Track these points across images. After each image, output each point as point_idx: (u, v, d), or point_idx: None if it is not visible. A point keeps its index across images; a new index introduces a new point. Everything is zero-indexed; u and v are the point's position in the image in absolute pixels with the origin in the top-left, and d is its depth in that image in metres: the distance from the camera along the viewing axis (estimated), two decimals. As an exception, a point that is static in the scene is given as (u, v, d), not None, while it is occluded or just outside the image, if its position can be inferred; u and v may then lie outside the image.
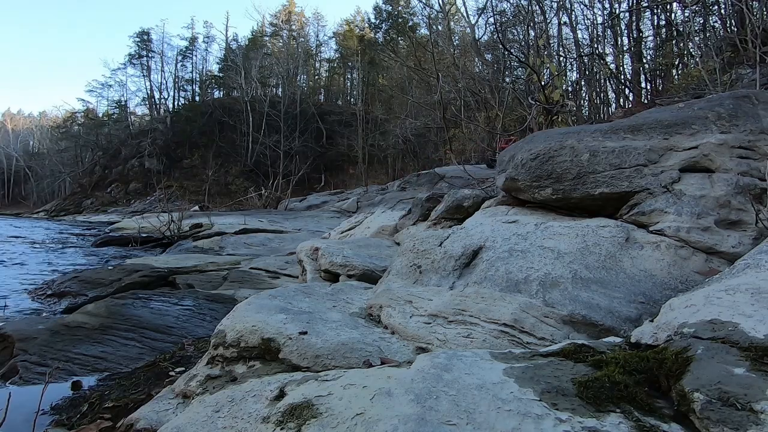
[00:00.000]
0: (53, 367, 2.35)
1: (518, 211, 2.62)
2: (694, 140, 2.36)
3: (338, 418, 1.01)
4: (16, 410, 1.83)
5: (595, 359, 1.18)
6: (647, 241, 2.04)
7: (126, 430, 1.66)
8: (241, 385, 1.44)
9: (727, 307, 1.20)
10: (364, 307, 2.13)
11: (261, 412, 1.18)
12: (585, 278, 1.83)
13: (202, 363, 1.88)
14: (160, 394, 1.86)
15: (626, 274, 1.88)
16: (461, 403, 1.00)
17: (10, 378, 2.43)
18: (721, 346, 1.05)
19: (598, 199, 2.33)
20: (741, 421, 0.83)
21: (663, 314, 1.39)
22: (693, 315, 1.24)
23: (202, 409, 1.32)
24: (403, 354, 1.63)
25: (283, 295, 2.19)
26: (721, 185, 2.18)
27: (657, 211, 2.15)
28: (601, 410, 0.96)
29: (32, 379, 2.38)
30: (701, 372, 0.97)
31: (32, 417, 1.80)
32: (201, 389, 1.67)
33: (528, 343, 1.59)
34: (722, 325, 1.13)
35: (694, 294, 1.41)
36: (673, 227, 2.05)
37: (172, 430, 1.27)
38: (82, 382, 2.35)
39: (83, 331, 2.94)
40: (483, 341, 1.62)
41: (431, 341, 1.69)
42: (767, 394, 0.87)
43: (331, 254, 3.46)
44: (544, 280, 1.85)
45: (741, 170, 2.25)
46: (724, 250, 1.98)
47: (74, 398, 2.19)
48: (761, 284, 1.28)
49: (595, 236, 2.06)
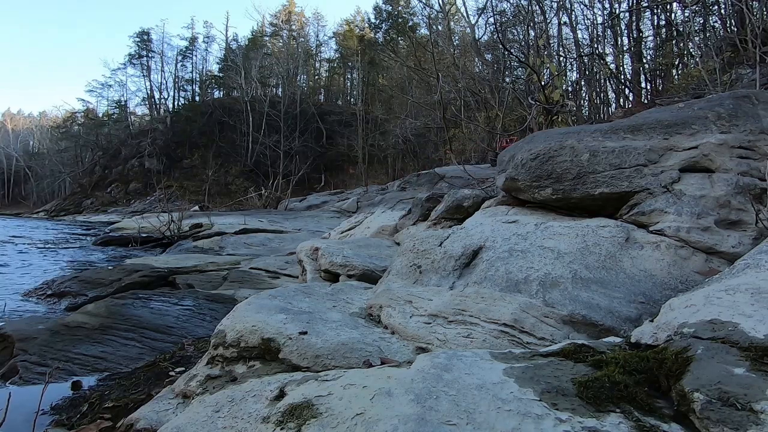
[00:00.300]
0: (53, 367, 2.35)
1: (518, 211, 2.62)
2: (694, 140, 2.36)
3: (338, 418, 1.01)
4: (16, 410, 1.83)
5: (595, 359, 1.18)
6: (647, 241, 2.04)
7: (126, 430, 1.66)
8: (241, 385, 1.45)
9: (727, 307, 1.20)
10: (364, 307, 2.13)
11: (261, 412, 1.18)
12: (585, 278, 1.83)
13: (202, 363, 1.88)
14: (160, 394, 1.86)
15: (626, 274, 1.88)
16: (461, 403, 1.00)
17: (10, 378, 2.43)
18: (721, 346, 1.05)
19: (598, 199, 2.33)
20: (741, 421, 0.83)
21: (663, 314, 1.39)
22: (693, 315, 1.24)
23: (202, 409, 1.32)
24: (403, 354, 1.63)
25: (283, 295, 2.19)
26: (721, 185, 2.18)
27: (657, 211, 2.15)
28: (601, 410, 0.96)
29: (32, 379, 2.38)
30: (701, 372, 0.97)
31: (32, 417, 1.80)
32: (201, 389, 1.67)
33: (528, 343, 1.59)
34: (722, 325, 1.13)
35: (694, 294, 1.41)
36: (673, 227, 2.05)
37: (172, 430, 1.27)
38: (82, 382, 2.35)
39: (83, 331, 2.94)
40: (483, 341, 1.62)
41: (431, 341, 1.69)
42: (767, 394, 0.87)
43: (331, 254, 3.46)
44: (544, 280, 1.85)
45: (741, 170, 2.25)
46: (724, 250, 1.98)
47: (74, 398, 2.19)
48: (761, 284, 1.28)
49: (595, 236, 2.06)
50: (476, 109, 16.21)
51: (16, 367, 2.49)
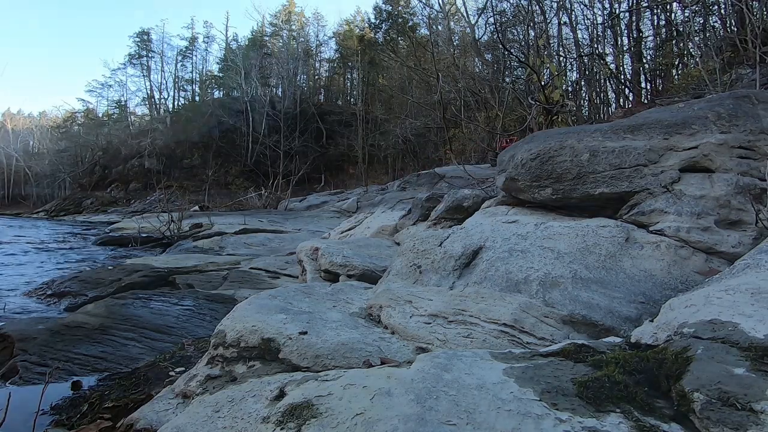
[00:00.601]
0: (53, 367, 2.35)
1: (518, 211, 2.62)
2: (694, 140, 2.36)
3: (338, 418, 1.01)
4: (16, 410, 1.84)
5: (595, 359, 1.18)
6: (647, 241, 2.04)
7: (126, 430, 1.66)
8: (241, 385, 1.45)
9: (727, 307, 1.20)
10: (364, 307, 2.13)
11: (261, 412, 1.18)
12: (585, 278, 1.83)
13: (202, 363, 1.88)
14: (160, 394, 1.86)
15: (626, 274, 1.88)
16: (461, 402, 1.00)
17: (10, 378, 2.43)
18: (721, 346, 1.05)
19: (598, 199, 2.33)
20: (741, 421, 0.83)
21: (663, 314, 1.39)
22: (693, 315, 1.24)
23: (202, 409, 1.32)
24: (403, 354, 1.63)
25: (283, 295, 2.19)
26: (721, 185, 2.18)
27: (657, 211, 2.15)
28: (601, 410, 0.96)
29: (32, 379, 2.38)
30: (701, 372, 0.97)
31: (32, 417, 1.80)
32: (201, 389, 1.67)
33: (528, 343, 1.59)
34: (722, 325, 1.13)
35: (694, 294, 1.41)
36: (673, 227, 2.05)
37: (172, 430, 1.27)
38: (81, 382, 2.35)
39: (83, 331, 2.94)
40: (483, 341, 1.63)
41: (431, 341, 1.69)
42: (767, 394, 0.87)
43: (331, 254, 3.46)
44: (544, 280, 1.85)
45: (741, 170, 2.25)
46: (724, 250, 1.98)
47: (74, 398, 2.19)
48: (761, 284, 1.28)
49: (595, 236, 2.06)
50: (476, 109, 16.22)
51: (16, 367, 2.49)
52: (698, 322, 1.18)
